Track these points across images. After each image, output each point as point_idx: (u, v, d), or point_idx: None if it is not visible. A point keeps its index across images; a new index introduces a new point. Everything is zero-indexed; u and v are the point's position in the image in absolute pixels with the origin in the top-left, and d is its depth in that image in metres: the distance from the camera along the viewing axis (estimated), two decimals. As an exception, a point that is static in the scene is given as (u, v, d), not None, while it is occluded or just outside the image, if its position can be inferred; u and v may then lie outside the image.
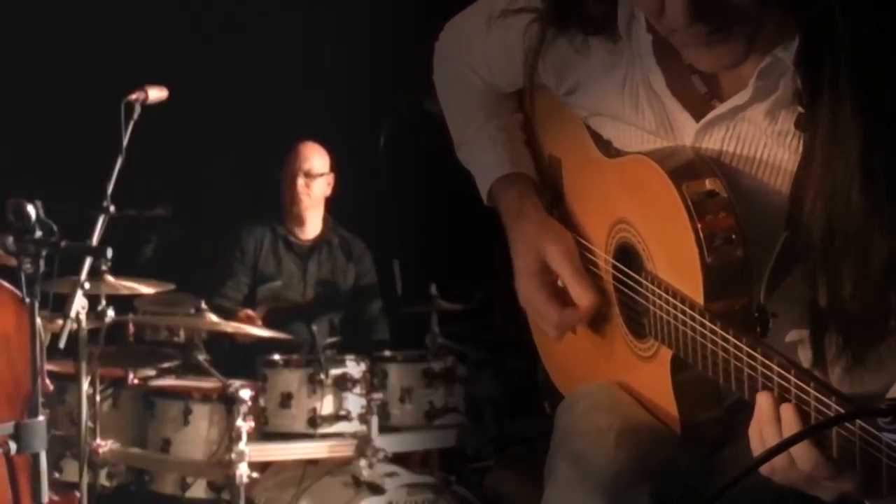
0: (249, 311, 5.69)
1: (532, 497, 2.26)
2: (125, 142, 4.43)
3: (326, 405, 4.95)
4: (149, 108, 4.53)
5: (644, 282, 2.18)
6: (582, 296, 2.33)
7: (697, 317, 2.01)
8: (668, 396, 2.17)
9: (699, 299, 2.03)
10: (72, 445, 4.75)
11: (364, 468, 4.89)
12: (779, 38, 2.01)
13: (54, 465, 4.83)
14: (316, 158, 6.07)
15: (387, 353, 5.30)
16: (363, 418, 4.95)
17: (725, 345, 1.95)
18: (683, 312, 2.05)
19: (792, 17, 1.99)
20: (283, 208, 6.12)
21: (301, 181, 6.00)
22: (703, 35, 1.94)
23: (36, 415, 2.74)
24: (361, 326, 6.11)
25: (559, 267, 2.37)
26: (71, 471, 4.88)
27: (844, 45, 1.91)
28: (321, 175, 6.05)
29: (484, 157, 2.56)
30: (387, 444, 4.98)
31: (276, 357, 5.10)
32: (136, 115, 4.47)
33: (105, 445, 4.82)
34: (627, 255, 2.25)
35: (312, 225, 6.15)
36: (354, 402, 4.97)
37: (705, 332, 2.00)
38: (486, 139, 2.56)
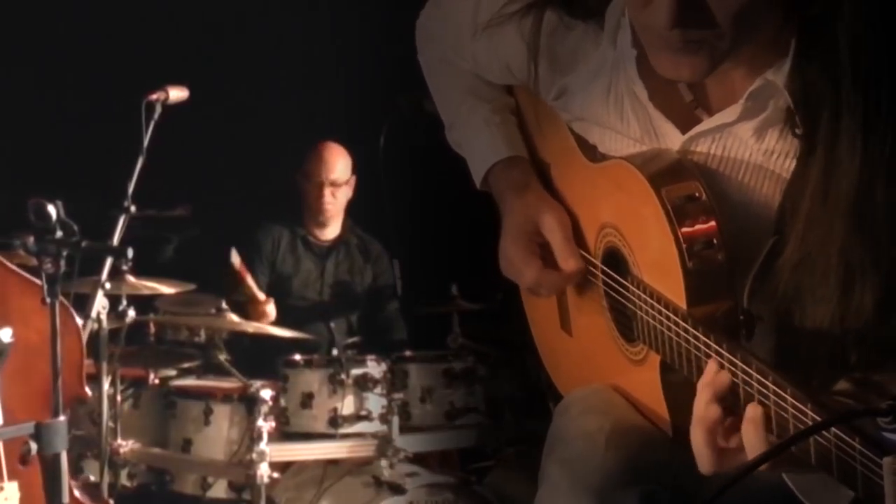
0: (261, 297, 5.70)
1: (532, 497, 2.26)
2: (146, 142, 4.42)
3: (347, 405, 4.95)
4: (169, 108, 4.52)
5: (630, 286, 2.18)
6: (567, 260, 2.33)
7: (680, 321, 2.01)
8: (659, 399, 2.17)
9: (682, 303, 2.03)
10: (92, 445, 4.75)
11: (385, 468, 4.89)
12: (770, 60, 2.01)
13: (75, 465, 4.83)
14: (340, 164, 6.06)
15: (407, 353, 5.29)
16: (384, 418, 4.95)
17: (707, 350, 1.95)
18: (667, 317, 2.05)
19: (787, 40, 1.99)
20: (305, 210, 6.12)
21: (328, 191, 6.00)
22: (677, 41, 1.95)
23: (57, 415, 2.74)
24: (379, 326, 6.11)
25: (550, 232, 2.36)
26: (91, 471, 4.88)
27: (848, 74, 1.92)
28: (345, 182, 6.06)
29: (478, 141, 2.54)
30: (407, 444, 4.98)
31: (297, 357, 5.09)
32: (156, 115, 4.46)
33: (126, 445, 4.83)
34: (615, 259, 2.25)
35: (333, 227, 6.15)
36: (375, 402, 4.97)
37: (688, 336, 1.99)
38: (480, 121, 2.54)
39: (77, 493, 3.17)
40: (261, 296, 5.69)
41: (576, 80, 2.28)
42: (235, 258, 5.62)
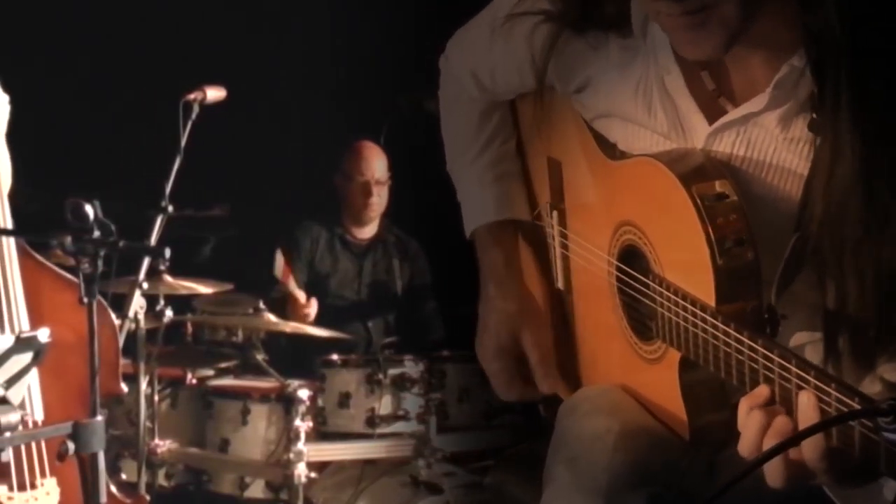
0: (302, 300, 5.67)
1: (533, 497, 2.28)
2: (183, 142, 4.43)
3: (385, 405, 4.94)
4: (207, 108, 4.52)
5: (651, 284, 2.17)
6: (543, 382, 2.48)
7: (709, 318, 2.00)
8: (677, 399, 2.15)
9: (710, 301, 2.02)
10: (130, 445, 4.76)
11: (422, 468, 4.89)
12: (791, 44, 2.01)
13: (112, 465, 4.84)
14: (381, 163, 6.06)
15: (445, 352, 5.28)
16: (421, 418, 4.94)
17: (740, 346, 1.93)
18: (694, 314, 2.04)
19: (800, 24, 2.00)
20: (346, 210, 6.11)
21: (375, 190, 6.00)
22: (679, 16, 1.96)
23: (94, 414, 2.74)
24: (416, 326, 6.10)
25: (530, 352, 2.49)
26: (129, 471, 4.89)
27: (844, 50, 1.92)
28: (388, 180, 6.06)
29: (470, 197, 2.62)
30: (445, 443, 4.97)
31: (335, 357, 5.09)
32: (194, 115, 4.46)
33: (163, 445, 4.84)
34: (632, 257, 2.24)
35: (372, 226, 6.14)
36: (412, 401, 4.96)
37: (717, 333, 1.98)
38: (475, 179, 2.60)
39: (114, 489, 3.18)
40: (301, 296, 5.67)
41: (599, 73, 2.28)
42: (279, 263, 5.61)
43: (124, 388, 3.30)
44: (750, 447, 1.87)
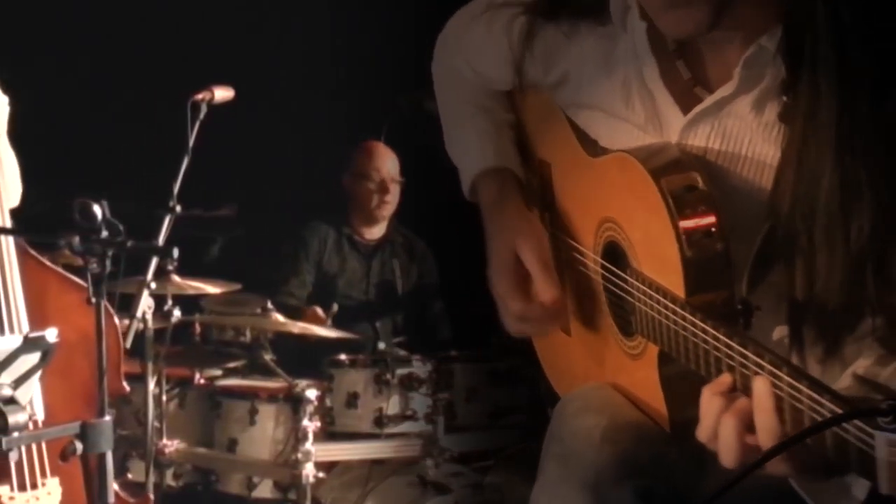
0: (317, 309, 5.67)
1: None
2: (191, 142, 4.42)
3: (392, 405, 4.94)
4: (215, 108, 4.52)
5: (630, 279, 2.18)
6: (545, 290, 2.37)
7: (678, 310, 2.01)
8: (657, 393, 2.17)
9: (680, 293, 2.03)
10: (138, 445, 4.77)
11: (430, 468, 4.89)
12: (764, 26, 2.03)
13: (120, 465, 4.85)
14: (392, 163, 6.07)
15: (452, 352, 5.28)
16: (429, 418, 4.94)
17: (705, 336, 1.94)
18: (666, 307, 2.05)
19: (779, 7, 2.01)
20: (355, 209, 6.11)
21: (391, 187, 6.01)
22: None
23: (102, 414, 2.75)
24: (424, 326, 6.10)
25: (528, 260, 2.39)
26: (137, 471, 4.90)
27: (824, 30, 1.93)
28: (401, 179, 6.06)
29: (469, 150, 2.58)
30: (452, 443, 4.97)
31: (343, 357, 5.09)
32: (202, 115, 4.46)
33: (171, 445, 4.84)
34: (614, 254, 2.25)
35: (380, 226, 6.14)
36: (420, 401, 4.96)
37: (686, 324, 1.99)
38: (474, 132, 2.58)
39: (118, 489, 3.18)
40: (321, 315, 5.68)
41: (578, 64, 2.30)
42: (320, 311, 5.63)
43: (126, 387, 3.31)
44: (707, 431, 1.89)
